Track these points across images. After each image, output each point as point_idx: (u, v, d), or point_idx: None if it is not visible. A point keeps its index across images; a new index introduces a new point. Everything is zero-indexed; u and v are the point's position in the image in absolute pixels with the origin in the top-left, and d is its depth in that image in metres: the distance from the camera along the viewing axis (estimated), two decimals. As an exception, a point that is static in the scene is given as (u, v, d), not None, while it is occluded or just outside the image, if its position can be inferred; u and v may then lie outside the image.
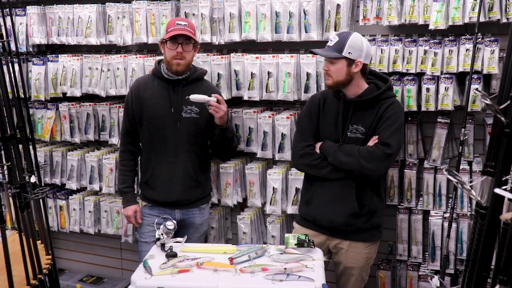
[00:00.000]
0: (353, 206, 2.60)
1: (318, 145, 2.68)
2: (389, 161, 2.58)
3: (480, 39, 2.83)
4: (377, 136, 2.55)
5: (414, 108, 3.03)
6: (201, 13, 3.25)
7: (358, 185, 2.60)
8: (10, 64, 2.98)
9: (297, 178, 3.10)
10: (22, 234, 2.25)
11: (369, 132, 2.59)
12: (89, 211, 3.76)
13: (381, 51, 3.03)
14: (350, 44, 2.55)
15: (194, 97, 2.78)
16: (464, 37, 2.89)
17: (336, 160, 2.57)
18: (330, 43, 2.60)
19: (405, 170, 3.13)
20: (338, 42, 2.57)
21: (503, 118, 1.28)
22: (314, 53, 2.68)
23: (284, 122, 3.14)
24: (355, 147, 2.56)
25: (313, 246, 2.47)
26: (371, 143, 2.56)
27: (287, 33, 3.11)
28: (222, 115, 2.81)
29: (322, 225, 2.69)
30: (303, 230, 2.72)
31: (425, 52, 2.96)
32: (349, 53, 2.55)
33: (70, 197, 3.82)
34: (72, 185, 3.74)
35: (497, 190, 1.25)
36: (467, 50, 2.87)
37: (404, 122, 2.72)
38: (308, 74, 3.10)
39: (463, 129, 2.81)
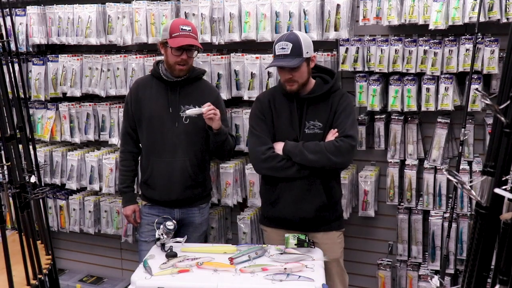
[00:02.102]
0: (321, 200, 2.64)
1: (277, 145, 2.64)
2: (354, 152, 2.65)
3: (480, 39, 2.83)
4: (336, 130, 2.59)
5: (414, 108, 3.03)
6: (201, 13, 3.25)
7: (323, 180, 2.64)
8: (10, 64, 2.98)
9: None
10: (22, 234, 2.26)
11: (327, 126, 2.62)
12: (89, 211, 3.76)
13: (381, 51, 3.03)
14: (305, 44, 2.57)
15: (190, 112, 2.76)
16: (464, 37, 2.89)
17: (303, 159, 2.55)
18: (284, 51, 2.54)
19: (405, 170, 3.13)
20: (294, 47, 2.53)
21: (503, 118, 1.28)
22: (280, 67, 2.59)
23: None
24: (320, 143, 2.57)
25: (313, 246, 2.47)
26: (331, 136, 2.58)
27: (287, 33, 3.11)
28: (218, 119, 2.81)
29: (293, 223, 2.68)
30: (275, 231, 2.72)
31: (425, 52, 2.96)
32: (306, 52, 2.58)
33: (70, 197, 3.82)
34: (72, 185, 3.74)
35: (497, 190, 1.25)
36: (467, 50, 2.87)
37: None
38: (308, 74, 3.10)
39: (463, 129, 2.81)
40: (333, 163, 2.55)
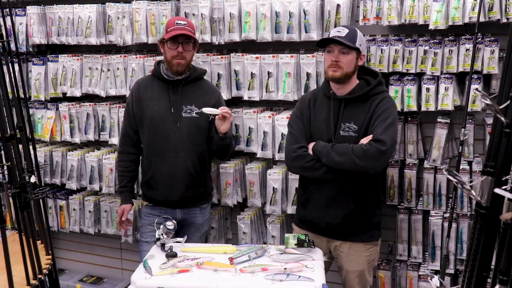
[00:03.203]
0: (349, 207, 2.56)
1: (311, 146, 2.60)
2: (385, 157, 2.49)
3: (480, 39, 2.83)
4: (371, 136, 2.48)
5: (414, 108, 3.03)
6: (201, 13, 3.25)
7: (354, 185, 2.56)
8: (10, 64, 2.98)
9: (297, 178, 3.09)
10: (22, 234, 2.26)
11: (362, 130, 2.54)
12: (89, 211, 3.76)
13: (381, 51, 3.03)
14: (360, 37, 2.57)
15: (207, 110, 2.76)
16: (464, 37, 2.89)
17: (330, 161, 2.49)
18: (340, 34, 2.52)
19: (405, 170, 3.12)
20: (349, 33, 2.53)
21: (503, 118, 1.28)
22: (335, 42, 2.52)
23: (284, 122, 3.13)
24: (348, 146, 2.48)
25: (313, 246, 2.47)
26: (364, 141, 2.48)
27: (287, 33, 3.11)
28: (230, 120, 2.81)
29: (320, 227, 2.66)
30: (303, 232, 2.67)
31: (425, 52, 2.96)
32: (359, 45, 2.55)
33: (70, 197, 3.82)
34: (72, 185, 3.74)
35: (497, 190, 1.25)
36: (467, 50, 2.87)
37: (397, 116, 2.64)
38: (308, 74, 3.10)
39: (463, 129, 2.80)
40: (358, 167, 2.44)
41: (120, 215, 3.05)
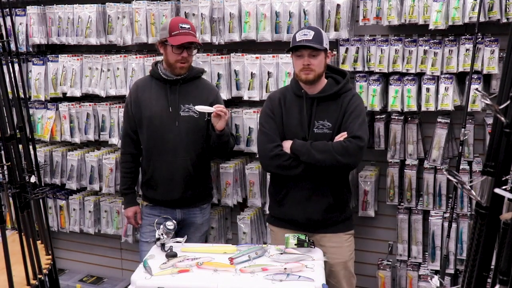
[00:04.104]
0: (328, 201, 2.62)
1: (285, 144, 2.63)
2: (362, 152, 2.59)
3: (480, 39, 2.83)
4: (345, 132, 2.56)
5: (414, 108, 3.03)
6: (201, 13, 3.25)
7: (330, 180, 2.62)
8: (10, 64, 2.98)
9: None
10: (22, 234, 2.26)
11: (336, 127, 2.60)
12: (89, 211, 3.76)
13: (381, 51, 3.03)
14: (325, 36, 2.62)
15: (201, 108, 2.77)
16: (464, 37, 2.89)
17: (310, 159, 2.53)
18: (307, 37, 2.55)
19: (405, 170, 3.13)
20: (316, 35, 2.56)
21: (503, 118, 1.28)
22: (307, 47, 2.53)
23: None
24: (328, 143, 2.54)
25: (313, 246, 2.47)
26: (340, 138, 2.55)
27: (287, 33, 3.11)
28: (225, 119, 2.81)
29: (299, 223, 2.67)
30: (281, 230, 2.69)
31: (425, 52, 2.96)
32: (326, 44, 2.60)
33: (70, 197, 3.82)
34: (72, 185, 3.74)
35: (497, 190, 1.25)
36: (467, 50, 2.87)
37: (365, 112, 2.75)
38: (308, 74, 3.10)
39: (463, 129, 2.80)
40: (340, 164, 2.52)
41: (133, 218, 3.05)
